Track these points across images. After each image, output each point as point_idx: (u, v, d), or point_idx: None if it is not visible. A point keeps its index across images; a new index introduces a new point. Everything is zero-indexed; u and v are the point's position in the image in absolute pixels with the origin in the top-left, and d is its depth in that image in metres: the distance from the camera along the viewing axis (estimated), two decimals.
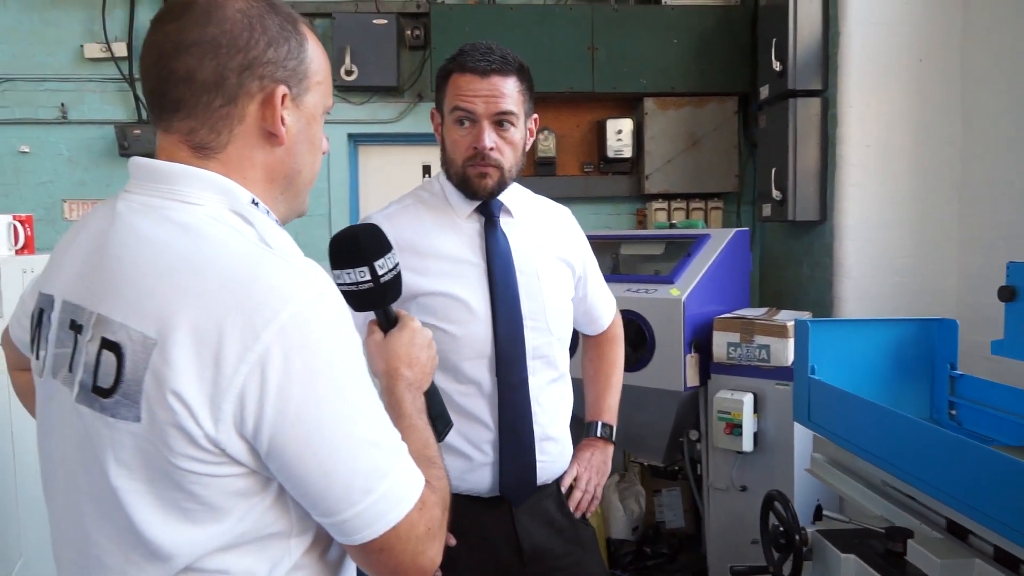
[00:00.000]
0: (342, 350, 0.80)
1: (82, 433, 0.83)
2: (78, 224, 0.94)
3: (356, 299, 1.00)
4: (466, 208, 1.53)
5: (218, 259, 0.79)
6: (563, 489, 1.63)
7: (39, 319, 0.92)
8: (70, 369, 0.85)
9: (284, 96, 0.88)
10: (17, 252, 2.44)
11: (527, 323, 1.52)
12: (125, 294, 0.80)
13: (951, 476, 1.40)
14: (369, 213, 1.59)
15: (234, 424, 0.76)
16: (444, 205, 1.55)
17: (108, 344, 0.79)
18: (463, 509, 1.39)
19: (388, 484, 0.81)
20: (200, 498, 0.79)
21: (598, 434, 1.74)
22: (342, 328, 0.81)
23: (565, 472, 1.65)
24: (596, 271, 1.75)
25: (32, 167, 4.14)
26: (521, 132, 1.51)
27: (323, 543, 0.88)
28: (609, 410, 1.77)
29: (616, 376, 1.81)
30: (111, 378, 0.79)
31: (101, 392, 0.80)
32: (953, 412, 1.94)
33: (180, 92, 0.84)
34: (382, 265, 1.00)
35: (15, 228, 2.43)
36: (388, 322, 1.05)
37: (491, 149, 1.46)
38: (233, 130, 0.87)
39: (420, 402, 1.01)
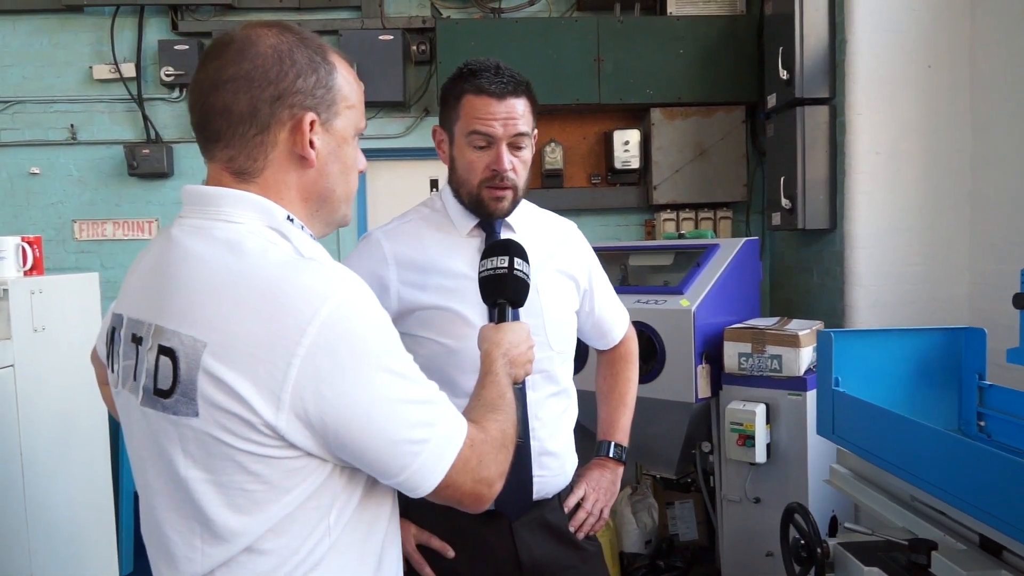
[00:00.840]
0: (377, 330, 0.90)
1: (149, 434, 0.93)
2: (144, 250, 1.05)
3: (489, 283, 1.26)
4: (467, 224, 1.53)
5: (258, 268, 0.88)
6: (567, 509, 1.61)
7: (112, 337, 1.03)
8: (134, 378, 0.95)
9: (313, 122, 0.96)
10: (26, 273, 2.45)
11: None
12: (177, 305, 0.90)
13: (983, 490, 1.37)
14: (371, 230, 1.59)
15: (296, 414, 0.85)
16: (445, 221, 1.54)
17: (164, 350, 0.90)
18: (462, 522, 1.38)
19: (438, 431, 0.93)
20: (263, 477, 0.88)
21: (609, 454, 1.71)
22: (374, 312, 0.91)
23: (572, 491, 1.63)
24: (604, 284, 1.73)
25: (42, 188, 4.18)
26: (530, 150, 1.52)
27: (361, 526, 0.97)
28: (622, 430, 1.74)
29: (630, 395, 1.78)
30: (169, 380, 0.89)
31: (162, 393, 0.90)
32: (982, 424, 1.91)
33: (219, 124, 0.94)
34: (519, 265, 1.26)
35: (23, 249, 2.44)
36: (502, 320, 1.25)
37: (509, 170, 1.47)
38: (268, 156, 0.96)
39: (508, 370, 1.16)
